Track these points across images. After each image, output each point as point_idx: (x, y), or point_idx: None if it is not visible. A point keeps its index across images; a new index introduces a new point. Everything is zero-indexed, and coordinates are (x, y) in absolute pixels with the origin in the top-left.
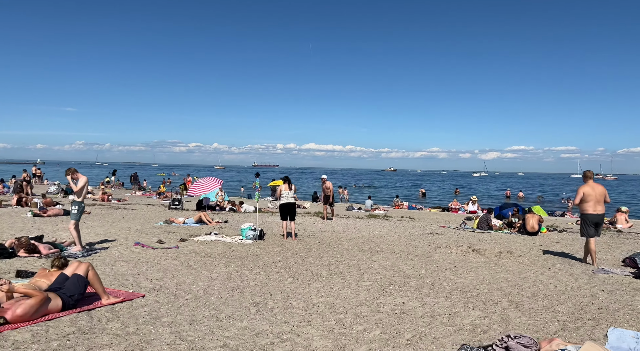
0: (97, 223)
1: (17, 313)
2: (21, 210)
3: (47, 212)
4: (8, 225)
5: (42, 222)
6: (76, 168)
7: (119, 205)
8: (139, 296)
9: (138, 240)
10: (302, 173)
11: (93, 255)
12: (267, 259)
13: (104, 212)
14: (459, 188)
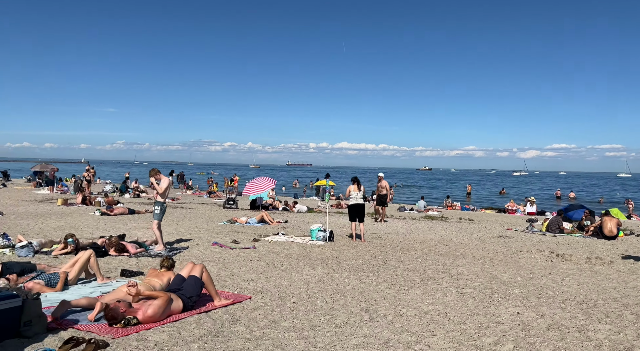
0: (163, 222)
1: (148, 313)
2: (87, 209)
3: (114, 210)
4: (81, 223)
5: (110, 221)
6: (159, 170)
7: (175, 204)
8: (246, 298)
9: (211, 240)
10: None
11: (177, 254)
12: (349, 262)
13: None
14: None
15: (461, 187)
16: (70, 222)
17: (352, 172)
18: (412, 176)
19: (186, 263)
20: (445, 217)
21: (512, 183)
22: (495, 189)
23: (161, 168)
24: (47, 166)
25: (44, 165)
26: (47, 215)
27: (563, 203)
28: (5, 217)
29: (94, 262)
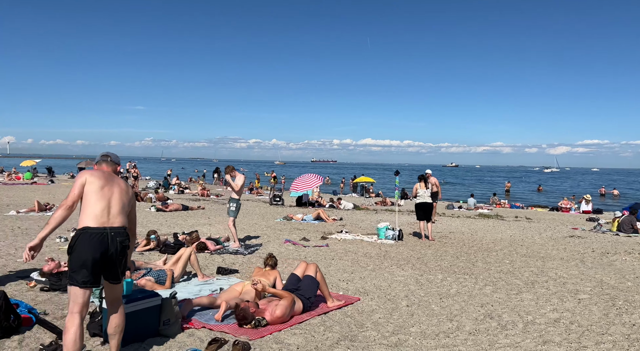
0: (220, 219)
1: (277, 314)
2: (141, 205)
3: (168, 206)
4: (142, 219)
5: (168, 217)
6: (234, 166)
7: (221, 200)
8: (355, 300)
9: (276, 237)
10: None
11: (255, 252)
12: (434, 263)
13: (215, 207)
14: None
15: (493, 184)
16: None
17: (375, 168)
18: (438, 173)
19: (299, 263)
20: (500, 216)
21: (546, 180)
22: (529, 186)
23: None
24: (92, 163)
25: (89, 162)
26: None
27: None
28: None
29: (194, 259)
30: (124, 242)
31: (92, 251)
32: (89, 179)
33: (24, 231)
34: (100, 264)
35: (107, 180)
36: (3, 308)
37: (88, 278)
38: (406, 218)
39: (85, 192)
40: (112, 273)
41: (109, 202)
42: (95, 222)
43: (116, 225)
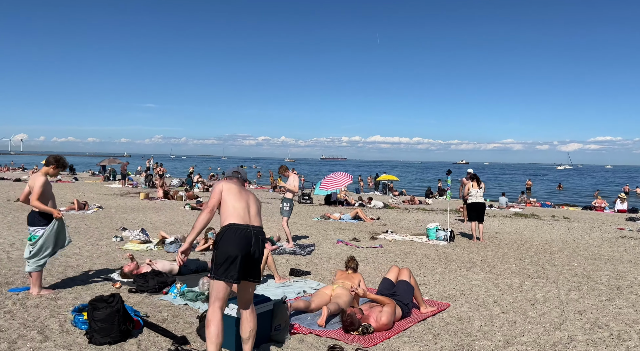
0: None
1: (383, 321)
2: (176, 204)
3: (203, 205)
4: (181, 218)
5: (196, 214)
6: (287, 166)
7: None
8: (446, 306)
9: (321, 236)
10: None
11: (313, 252)
12: (501, 265)
13: None
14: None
15: (509, 182)
16: (170, 216)
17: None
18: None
19: (391, 266)
20: (535, 215)
21: (561, 177)
22: (548, 184)
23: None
24: (115, 160)
25: (112, 160)
26: (142, 209)
27: (632, 199)
28: (106, 211)
29: (271, 261)
30: (264, 241)
31: (236, 246)
32: (225, 186)
33: (75, 230)
34: (243, 260)
35: (241, 188)
36: (122, 312)
37: (232, 273)
38: (440, 217)
39: (224, 197)
40: (254, 271)
41: (248, 204)
42: (239, 219)
43: (256, 224)
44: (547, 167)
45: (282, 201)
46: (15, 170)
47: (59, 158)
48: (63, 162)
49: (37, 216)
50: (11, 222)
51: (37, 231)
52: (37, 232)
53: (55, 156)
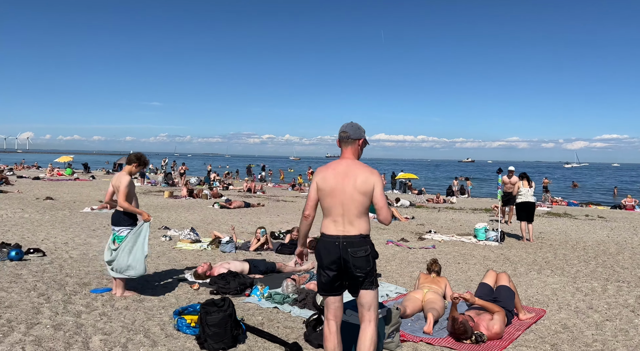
0: (290, 216)
1: (495, 329)
2: (203, 202)
3: (232, 204)
4: (217, 217)
5: (234, 214)
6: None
7: (271, 196)
8: (543, 312)
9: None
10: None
11: None
12: (569, 268)
13: (273, 204)
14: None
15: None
16: (204, 215)
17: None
18: (454, 168)
19: (487, 270)
20: (568, 214)
21: (570, 175)
22: (561, 182)
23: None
24: None
25: None
26: (172, 208)
27: None
28: None
29: None
30: (357, 253)
31: (326, 258)
32: (319, 183)
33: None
34: (336, 273)
35: (339, 178)
36: (234, 316)
37: (324, 286)
38: (473, 217)
39: (319, 196)
40: (352, 285)
41: (342, 207)
42: (329, 229)
43: (350, 233)
44: (554, 165)
45: None
46: (30, 168)
47: (140, 156)
48: (144, 159)
49: (122, 216)
50: (52, 221)
51: (122, 231)
52: (122, 233)
53: (136, 154)
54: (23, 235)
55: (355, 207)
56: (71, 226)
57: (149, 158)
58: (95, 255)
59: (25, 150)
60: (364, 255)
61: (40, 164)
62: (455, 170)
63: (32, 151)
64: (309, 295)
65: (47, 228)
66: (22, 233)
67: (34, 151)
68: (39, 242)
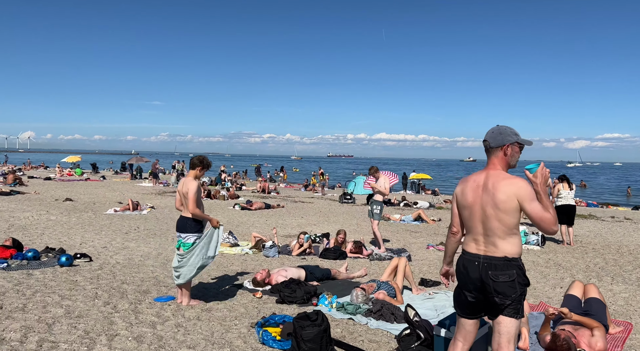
0: (313, 218)
1: (599, 347)
2: (222, 204)
3: (253, 205)
4: (242, 219)
5: (255, 215)
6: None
7: (287, 197)
8: (630, 326)
9: (397, 239)
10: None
11: (411, 258)
12: (626, 275)
13: (292, 205)
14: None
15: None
16: (228, 217)
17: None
18: (456, 167)
19: (573, 281)
20: (592, 215)
21: (574, 175)
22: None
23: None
24: (142, 159)
25: (139, 158)
26: None
27: None
28: (160, 211)
29: (409, 271)
30: (499, 277)
31: (464, 278)
32: (458, 197)
33: (150, 232)
34: (474, 295)
35: (477, 192)
36: (328, 331)
37: (461, 306)
38: None
39: (459, 211)
40: (491, 309)
41: (482, 225)
42: (470, 246)
43: (493, 254)
44: (556, 165)
45: (372, 203)
46: (37, 168)
47: (203, 159)
48: (207, 162)
49: (189, 222)
50: (81, 223)
51: (188, 238)
52: (189, 240)
53: (199, 157)
54: (59, 238)
55: (497, 227)
56: (102, 229)
57: (149, 158)
58: (141, 260)
59: (26, 150)
60: (507, 280)
61: (47, 164)
62: (459, 169)
63: (33, 150)
64: (384, 306)
65: (79, 231)
66: (57, 237)
67: (35, 150)
68: (78, 246)
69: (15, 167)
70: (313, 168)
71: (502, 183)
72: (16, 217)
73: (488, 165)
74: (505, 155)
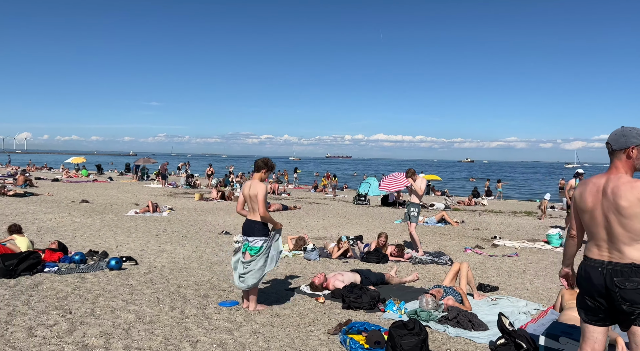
0: (335, 220)
1: None
2: (234, 205)
3: (271, 207)
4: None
5: (277, 217)
6: (414, 170)
7: (299, 199)
8: None
9: (427, 242)
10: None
11: (446, 260)
12: None
13: (308, 207)
14: None
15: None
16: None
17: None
18: (454, 169)
19: None
20: None
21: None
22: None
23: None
24: (149, 160)
25: (146, 160)
26: (212, 211)
27: None
28: (179, 213)
29: (471, 276)
30: (626, 284)
31: (586, 284)
32: (577, 200)
33: (179, 234)
34: (599, 303)
35: (598, 196)
36: (427, 341)
37: (586, 313)
38: (515, 220)
39: (580, 215)
40: (621, 318)
41: (605, 231)
42: (592, 252)
43: (615, 260)
44: (555, 165)
45: (409, 206)
46: (41, 170)
47: (267, 161)
48: (272, 164)
49: (257, 225)
50: (109, 226)
51: (256, 242)
52: (256, 243)
53: (264, 159)
54: (92, 241)
55: (622, 233)
56: (130, 231)
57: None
58: (185, 263)
59: (23, 151)
60: (636, 287)
61: (56, 166)
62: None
63: (30, 151)
64: (460, 313)
65: (109, 233)
66: (91, 239)
67: (32, 151)
68: (115, 249)
69: (20, 168)
70: (313, 169)
71: (623, 188)
72: (40, 219)
73: (610, 169)
74: (630, 158)
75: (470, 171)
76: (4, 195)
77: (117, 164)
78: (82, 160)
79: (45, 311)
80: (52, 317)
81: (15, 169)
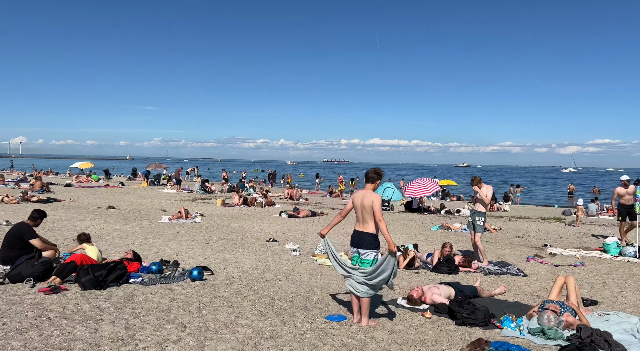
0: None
1: None
2: (270, 211)
3: (300, 213)
4: (298, 228)
5: (304, 223)
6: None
7: (319, 204)
8: None
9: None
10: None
11: (516, 271)
12: None
13: (334, 214)
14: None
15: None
16: (287, 225)
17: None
18: (450, 173)
19: None
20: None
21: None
22: (580, 188)
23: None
24: (161, 165)
25: (158, 165)
26: (241, 217)
27: None
28: (210, 219)
29: (578, 289)
30: None
31: None
32: None
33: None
34: None
35: None
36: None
37: None
38: (550, 228)
39: None
40: None
41: None
42: None
43: None
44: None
45: (474, 214)
46: (47, 175)
47: (379, 171)
48: (382, 173)
49: (368, 237)
50: (152, 233)
51: (368, 254)
52: (368, 256)
53: (375, 169)
54: (149, 249)
55: None
56: (176, 239)
57: (142, 163)
58: (258, 273)
59: (18, 155)
60: None
61: (63, 170)
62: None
63: (25, 156)
64: (594, 333)
65: (157, 241)
66: (146, 248)
67: (27, 156)
68: (175, 257)
69: (26, 173)
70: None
71: None
72: (79, 226)
73: None
74: None
75: (467, 176)
76: (27, 202)
77: (117, 169)
78: (90, 165)
79: (160, 325)
80: (172, 332)
81: (22, 174)
